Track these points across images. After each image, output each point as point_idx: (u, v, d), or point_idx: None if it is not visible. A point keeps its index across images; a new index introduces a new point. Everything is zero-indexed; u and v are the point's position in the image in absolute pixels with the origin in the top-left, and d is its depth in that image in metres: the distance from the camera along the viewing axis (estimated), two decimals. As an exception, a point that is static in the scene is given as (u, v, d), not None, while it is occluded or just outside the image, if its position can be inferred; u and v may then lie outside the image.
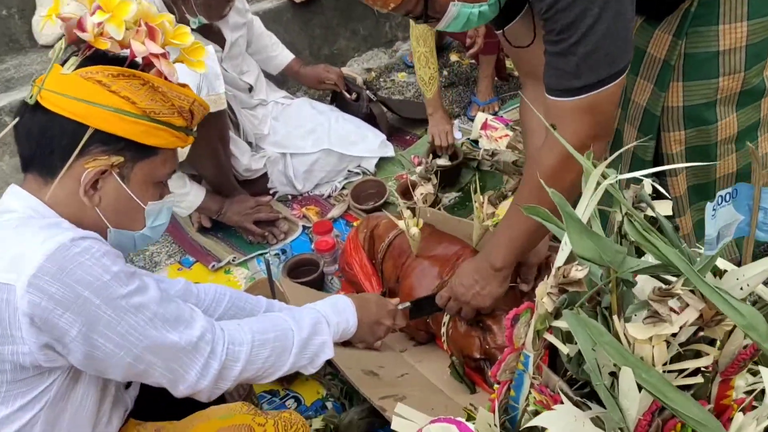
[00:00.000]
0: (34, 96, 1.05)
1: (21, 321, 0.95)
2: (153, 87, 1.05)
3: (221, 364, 1.12)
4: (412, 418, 1.25)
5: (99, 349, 1.01)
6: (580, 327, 0.80)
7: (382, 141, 2.66)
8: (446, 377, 1.59)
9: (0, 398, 1.01)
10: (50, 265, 0.95)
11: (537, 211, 0.89)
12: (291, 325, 1.25)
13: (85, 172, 1.05)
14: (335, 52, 3.35)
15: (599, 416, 0.96)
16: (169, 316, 1.07)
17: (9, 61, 2.99)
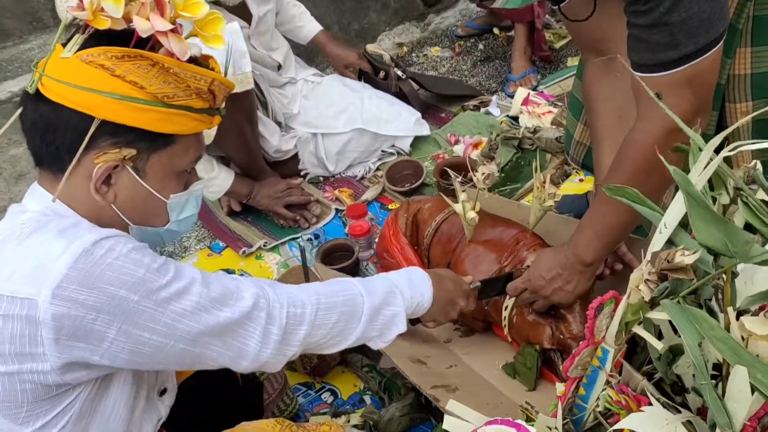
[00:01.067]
0: (34, 83, 0.94)
1: (44, 336, 0.87)
2: (164, 68, 0.92)
3: (282, 329, 1.02)
4: (466, 417, 1.14)
5: (145, 344, 0.93)
6: (685, 319, 0.69)
7: (417, 119, 2.53)
8: (496, 372, 1.48)
9: (21, 419, 0.93)
10: (76, 273, 0.87)
11: (625, 193, 0.77)
12: (361, 291, 1.13)
13: (95, 167, 0.95)
14: (365, 27, 3.22)
15: (691, 421, 0.85)
16: (215, 294, 0.97)
17: (33, 40, 2.91)
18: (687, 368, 0.92)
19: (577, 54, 2.93)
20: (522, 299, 1.43)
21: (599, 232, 1.32)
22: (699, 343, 0.70)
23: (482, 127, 2.58)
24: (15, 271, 0.88)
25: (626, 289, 0.89)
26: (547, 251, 1.42)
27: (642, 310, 0.78)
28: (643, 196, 0.83)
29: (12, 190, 2.49)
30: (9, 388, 0.91)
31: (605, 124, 1.40)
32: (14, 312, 0.87)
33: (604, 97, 1.42)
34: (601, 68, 1.39)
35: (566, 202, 2.08)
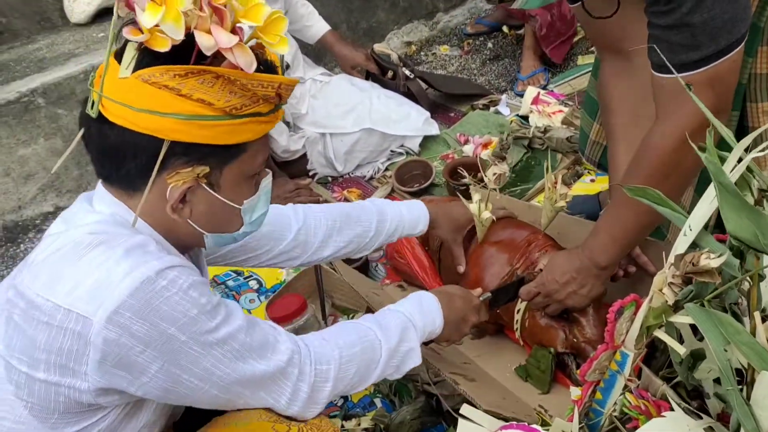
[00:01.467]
0: (95, 106, 0.90)
1: (90, 357, 0.87)
2: (229, 80, 0.87)
3: (311, 387, 1.04)
4: (480, 421, 1.12)
5: (182, 384, 0.93)
6: (711, 323, 0.67)
7: (426, 119, 2.51)
8: (509, 374, 1.46)
9: (51, 423, 0.93)
10: (134, 302, 0.86)
11: (646, 193, 0.75)
12: (378, 335, 1.14)
13: (169, 188, 0.92)
14: (374, 25, 3.20)
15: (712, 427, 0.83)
16: (256, 344, 0.98)
17: (41, 40, 2.91)
18: (707, 373, 0.90)
19: (587, 52, 2.91)
20: (535, 303, 1.41)
21: (615, 236, 1.29)
22: (724, 348, 0.68)
23: (492, 126, 2.56)
24: (77, 285, 0.87)
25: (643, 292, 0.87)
26: (560, 255, 1.40)
27: (665, 313, 0.76)
28: (663, 196, 0.81)
29: (20, 191, 2.48)
30: (44, 396, 0.91)
31: (621, 124, 1.38)
32: (68, 326, 0.86)
33: (620, 96, 1.40)
34: (618, 67, 1.36)
35: (577, 202, 2.06)
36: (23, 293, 0.90)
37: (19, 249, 2.42)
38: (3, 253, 2.40)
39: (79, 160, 2.59)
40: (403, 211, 1.44)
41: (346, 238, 1.39)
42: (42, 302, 0.87)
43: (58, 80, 2.48)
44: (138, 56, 0.87)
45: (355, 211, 1.41)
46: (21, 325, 0.89)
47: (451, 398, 1.51)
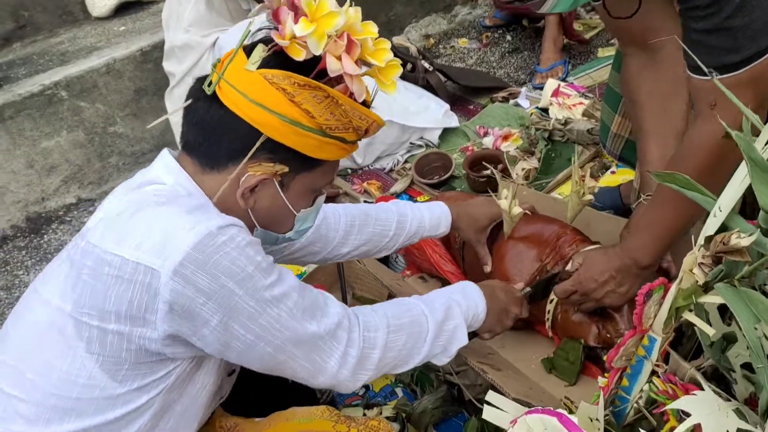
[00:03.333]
0: (213, 84, 0.99)
1: (159, 307, 0.92)
2: (336, 102, 0.97)
3: (360, 351, 1.06)
4: (505, 408, 1.12)
5: (239, 339, 0.97)
6: (741, 302, 0.67)
7: (445, 111, 2.51)
8: (533, 366, 1.45)
9: (120, 377, 0.98)
10: (197, 254, 0.91)
11: (675, 179, 0.75)
12: (424, 310, 1.16)
13: (246, 175, 1.00)
14: (392, 19, 3.20)
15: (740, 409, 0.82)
16: (307, 305, 1.02)
17: (63, 34, 2.94)
18: (735, 358, 0.90)
19: (607, 45, 2.89)
20: (571, 301, 1.40)
21: (658, 235, 1.28)
22: (755, 326, 0.68)
23: (511, 119, 2.55)
24: (144, 240, 0.92)
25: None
26: (597, 253, 1.38)
27: (695, 294, 0.76)
28: (693, 182, 0.81)
29: (44, 182, 2.52)
30: (116, 346, 0.95)
31: (651, 117, 1.37)
32: (137, 278, 0.91)
33: (647, 90, 1.38)
34: (643, 60, 1.35)
35: (598, 194, 2.05)
36: (90, 252, 0.96)
37: (42, 240, 2.45)
38: (27, 244, 2.44)
39: (101, 152, 2.62)
40: (424, 213, 1.46)
41: (364, 237, 1.40)
42: (111, 258, 0.93)
43: (80, 73, 2.51)
44: (266, 57, 0.96)
45: (375, 211, 1.42)
46: (90, 282, 0.94)
47: (472, 388, 1.51)
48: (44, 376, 0.98)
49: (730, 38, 1.08)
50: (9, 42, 2.93)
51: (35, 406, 0.98)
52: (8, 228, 2.47)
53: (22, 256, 2.39)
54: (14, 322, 1.05)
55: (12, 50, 2.89)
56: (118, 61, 2.56)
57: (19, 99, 2.40)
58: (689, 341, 1.05)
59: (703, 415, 0.75)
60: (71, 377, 0.97)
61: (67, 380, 0.97)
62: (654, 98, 1.37)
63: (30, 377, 0.98)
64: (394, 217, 1.42)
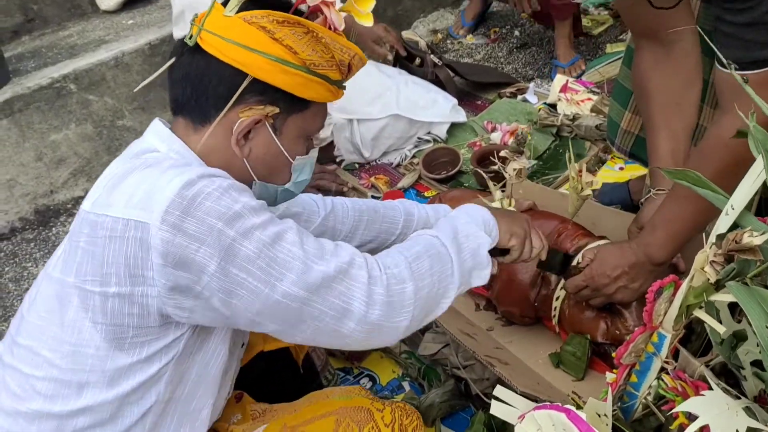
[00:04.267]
0: (194, 37, 1.01)
1: (153, 260, 0.92)
2: (316, 37, 0.99)
3: (386, 289, 0.99)
4: (513, 403, 1.13)
5: (241, 285, 0.93)
6: (753, 300, 0.67)
7: (453, 105, 2.51)
8: (541, 361, 1.46)
9: (126, 344, 0.97)
10: (180, 200, 0.91)
11: (686, 176, 0.75)
12: (431, 233, 1.10)
13: (239, 120, 1.02)
14: (400, 13, 3.20)
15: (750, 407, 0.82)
16: (311, 246, 0.97)
17: (72, 27, 2.95)
18: (745, 355, 0.90)
19: (616, 41, 2.88)
20: (581, 296, 1.39)
21: (674, 232, 1.27)
22: (766, 324, 0.68)
23: (519, 114, 2.55)
24: (130, 197, 0.94)
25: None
26: (610, 249, 1.37)
27: (706, 292, 0.76)
28: (705, 179, 0.81)
29: (52, 175, 2.53)
30: (118, 311, 0.95)
31: (661, 111, 1.36)
32: (129, 234, 0.92)
33: (659, 83, 1.38)
34: (657, 54, 1.34)
35: (606, 190, 2.05)
36: (84, 219, 0.97)
37: (51, 232, 2.46)
38: (36, 236, 2.45)
39: (110, 145, 2.62)
40: (429, 214, 1.44)
41: (372, 233, 1.40)
42: (102, 219, 0.94)
43: (89, 66, 2.51)
44: (242, 4, 0.99)
45: (383, 208, 1.42)
46: (87, 249, 0.95)
47: (480, 382, 1.51)
48: (57, 351, 0.98)
49: (766, 33, 1.06)
50: (18, 35, 2.94)
51: (53, 383, 0.98)
52: (17, 220, 2.49)
53: (31, 248, 2.40)
54: (28, 306, 1.06)
55: (21, 43, 2.90)
56: (126, 54, 2.57)
57: (28, 92, 2.40)
58: (698, 338, 1.06)
59: (711, 416, 0.75)
60: (81, 350, 0.97)
61: (78, 353, 0.97)
62: (666, 92, 1.36)
63: (45, 355, 0.99)
64: (402, 215, 1.42)
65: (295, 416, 1.15)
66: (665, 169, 0.80)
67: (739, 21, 1.09)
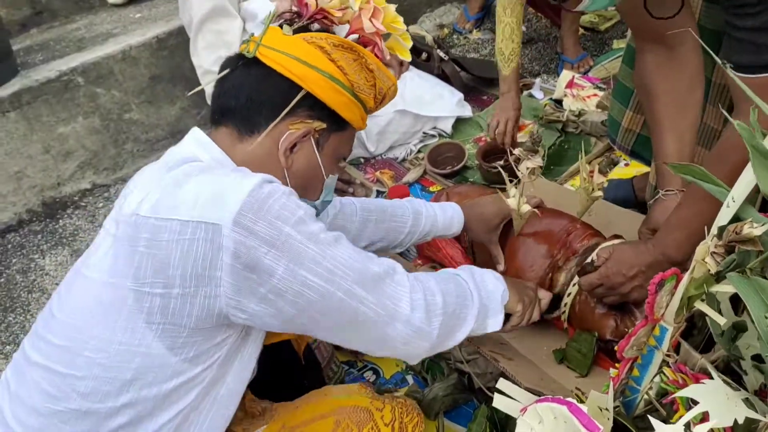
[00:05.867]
0: (253, 51, 1.05)
1: (224, 260, 0.93)
2: (365, 64, 1.08)
3: (424, 295, 1.07)
4: (516, 396, 1.13)
5: (310, 287, 0.97)
6: (753, 291, 0.68)
7: (459, 100, 2.51)
8: (545, 357, 1.46)
9: (178, 345, 0.98)
10: (252, 202, 0.94)
11: (690, 170, 0.76)
12: (450, 271, 1.21)
13: (288, 132, 1.06)
14: (406, 8, 3.19)
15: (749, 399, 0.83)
16: (360, 251, 1.04)
17: (79, 20, 2.96)
18: (747, 350, 0.90)
19: (622, 36, 2.88)
20: (595, 294, 1.39)
21: (693, 231, 1.23)
22: (765, 315, 0.68)
23: (525, 110, 2.54)
24: (197, 199, 0.95)
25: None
26: (626, 248, 1.37)
27: (706, 283, 0.77)
28: (707, 172, 0.81)
29: (59, 168, 2.54)
30: (179, 310, 0.96)
31: (667, 113, 1.37)
32: (199, 236, 0.93)
33: (665, 86, 1.38)
34: (661, 56, 1.35)
35: (611, 186, 2.05)
36: (144, 224, 0.96)
37: (57, 224, 2.48)
38: (43, 228, 2.47)
39: (117, 138, 2.64)
40: (437, 213, 1.47)
41: (381, 232, 1.42)
42: (168, 224, 0.94)
43: (97, 60, 2.52)
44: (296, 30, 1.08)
45: (391, 207, 1.43)
46: (149, 252, 0.95)
47: (483, 376, 1.52)
48: (102, 351, 0.98)
49: None
50: (26, 28, 2.96)
51: (94, 381, 0.99)
52: (24, 212, 2.50)
53: (38, 240, 2.42)
54: (59, 305, 1.06)
55: (29, 36, 2.91)
56: (134, 47, 2.58)
57: (36, 85, 2.41)
58: (700, 333, 1.06)
59: (711, 404, 0.75)
60: (131, 348, 0.98)
61: (126, 352, 0.98)
62: (671, 94, 1.36)
63: (87, 355, 0.99)
64: (410, 214, 1.43)
65: (294, 416, 1.15)
66: (671, 164, 0.80)
67: (748, 25, 1.09)
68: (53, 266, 2.30)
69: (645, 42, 1.44)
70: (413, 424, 1.19)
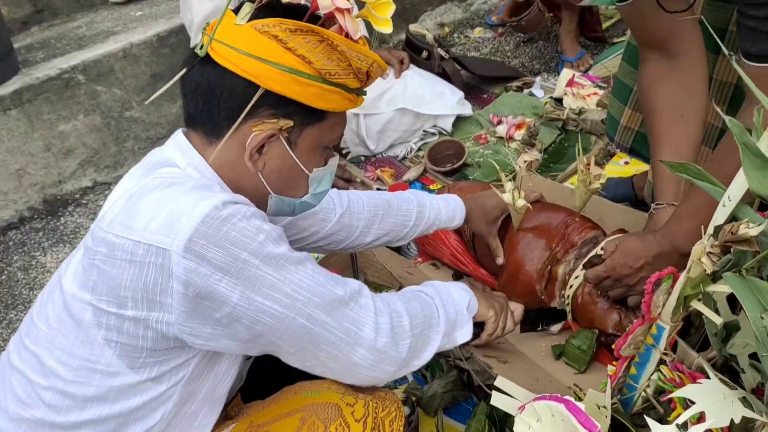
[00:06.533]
0: (205, 47, 0.95)
1: (174, 288, 0.89)
2: (331, 45, 0.93)
3: (390, 319, 1.04)
4: (513, 393, 1.14)
5: (266, 313, 0.93)
6: (748, 291, 0.68)
7: (459, 98, 2.52)
8: (543, 353, 1.47)
9: (138, 365, 0.96)
10: (205, 228, 0.88)
11: (686, 169, 0.76)
12: (416, 288, 1.18)
13: (252, 135, 0.97)
14: (407, 6, 3.20)
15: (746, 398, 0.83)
16: (326, 273, 1.00)
17: (80, 18, 2.97)
18: (743, 348, 0.91)
19: (623, 34, 2.88)
20: (602, 287, 1.38)
21: (704, 221, 1.26)
22: (761, 315, 0.69)
23: (525, 108, 2.55)
24: (151, 220, 0.90)
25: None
26: (633, 239, 1.36)
27: (703, 283, 0.77)
28: (703, 171, 0.81)
29: (60, 165, 2.55)
30: (133, 332, 0.93)
31: (666, 124, 1.36)
32: (149, 260, 0.89)
33: (665, 96, 1.38)
34: (663, 66, 1.35)
35: (611, 185, 2.05)
36: (102, 238, 0.93)
37: (59, 222, 2.49)
38: (44, 226, 2.47)
39: (117, 136, 2.64)
40: (440, 205, 1.46)
41: (387, 227, 1.41)
42: (121, 242, 0.91)
43: (97, 58, 2.53)
44: (255, 11, 0.94)
45: (397, 201, 1.43)
46: (104, 269, 0.92)
47: (482, 373, 1.52)
48: (65, 365, 0.97)
49: None
50: (27, 26, 2.96)
51: (57, 394, 0.97)
52: (25, 210, 2.51)
53: (39, 237, 2.42)
54: (38, 309, 1.04)
55: (30, 34, 2.92)
56: (134, 46, 2.59)
57: (37, 82, 2.42)
58: (697, 332, 1.06)
59: (708, 403, 0.76)
60: (90, 365, 0.96)
61: (86, 368, 0.96)
62: (671, 105, 1.36)
63: (51, 365, 0.98)
64: (414, 207, 1.43)
65: (262, 414, 1.12)
66: (667, 162, 0.80)
67: (761, 15, 1.09)
68: (54, 263, 2.30)
69: (648, 50, 1.43)
70: (390, 418, 1.13)
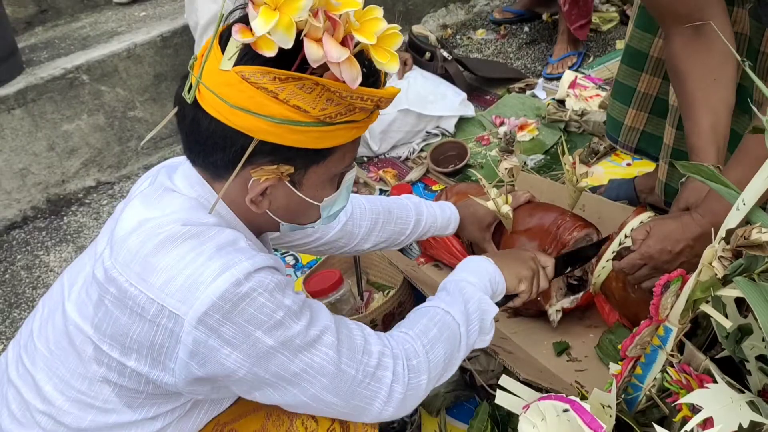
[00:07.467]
0: (192, 90, 0.89)
1: (180, 355, 0.88)
2: (329, 90, 0.84)
3: (406, 386, 1.00)
4: (518, 393, 1.14)
5: (270, 385, 0.93)
6: (759, 296, 0.68)
7: (462, 99, 2.52)
8: (545, 351, 1.47)
9: (137, 404, 0.97)
10: (222, 303, 0.86)
11: (699, 170, 0.76)
12: (444, 308, 1.10)
13: (252, 180, 0.92)
14: (410, 8, 3.20)
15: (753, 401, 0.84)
16: (344, 347, 0.96)
17: (84, 18, 2.97)
18: (750, 350, 0.91)
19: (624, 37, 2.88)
20: (638, 276, 1.31)
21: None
22: (772, 320, 0.69)
23: (527, 109, 2.56)
24: (169, 281, 0.87)
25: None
26: (667, 223, 1.27)
27: (713, 287, 0.78)
28: (716, 172, 0.81)
29: (64, 165, 2.55)
30: (135, 380, 0.94)
31: (700, 87, 1.32)
32: (161, 321, 0.88)
33: (695, 62, 1.34)
34: (689, 36, 1.31)
35: (613, 186, 2.05)
36: (115, 279, 0.90)
37: (62, 221, 2.49)
38: (47, 225, 2.48)
39: (121, 136, 2.65)
40: (436, 213, 1.47)
41: (385, 235, 1.42)
42: (135, 293, 0.88)
43: (101, 58, 2.54)
44: (241, 51, 0.85)
45: (397, 208, 1.43)
46: (113, 312, 0.91)
47: (484, 373, 1.53)
48: (62, 393, 0.96)
49: None
50: (31, 26, 2.97)
51: (51, 420, 0.97)
52: (29, 209, 2.51)
53: (43, 236, 2.43)
54: (39, 327, 1.02)
55: (34, 34, 2.92)
56: (138, 46, 2.59)
57: (41, 82, 2.43)
58: (704, 332, 1.07)
59: (715, 409, 0.76)
60: (87, 400, 0.96)
61: (83, 402, 0.96)
62: (703, 69, 1.32)
63: (48, 391, 0.97)
64: (413, 216, 1.44)
65: (228, 412, 1.11)
66: (679, 162, 0.79)
67: None
68: (57, 263, 2.31)
69: (672, 26, 1.39)
70: None
